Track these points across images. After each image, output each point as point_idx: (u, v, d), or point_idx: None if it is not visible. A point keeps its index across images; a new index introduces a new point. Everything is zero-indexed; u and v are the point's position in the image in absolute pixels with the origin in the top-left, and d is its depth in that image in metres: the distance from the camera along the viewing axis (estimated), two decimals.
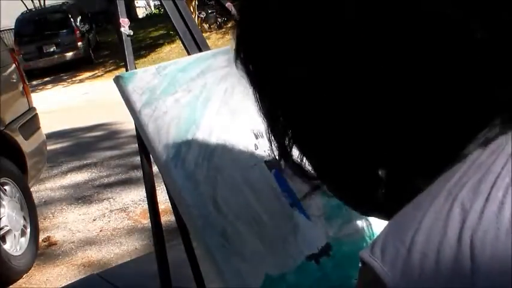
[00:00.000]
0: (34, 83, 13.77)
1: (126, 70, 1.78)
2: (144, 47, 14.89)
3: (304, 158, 0.58)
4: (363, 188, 0.56)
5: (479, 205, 0.41)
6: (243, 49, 0.57)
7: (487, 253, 0.39)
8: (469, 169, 0.45)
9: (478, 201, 0.42)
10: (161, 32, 16.30)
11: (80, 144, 6.84)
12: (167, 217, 3.32)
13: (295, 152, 0.59)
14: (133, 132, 1.72)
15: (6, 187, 3.37)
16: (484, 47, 0.46)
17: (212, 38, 13.60)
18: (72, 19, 15.88)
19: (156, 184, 1.75)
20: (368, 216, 0.62)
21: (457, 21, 0.46)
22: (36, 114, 4.06)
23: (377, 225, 1.90)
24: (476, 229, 0.40)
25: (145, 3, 26.24)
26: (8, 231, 3.24)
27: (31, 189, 3.74)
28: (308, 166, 0.59)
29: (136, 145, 1.75)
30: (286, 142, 0.58)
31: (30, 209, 3.58)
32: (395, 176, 0.54)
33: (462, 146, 0.48)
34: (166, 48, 14.61)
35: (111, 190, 4.70)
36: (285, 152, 0.59)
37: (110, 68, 14.34)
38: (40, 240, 3.71)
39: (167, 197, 1.71)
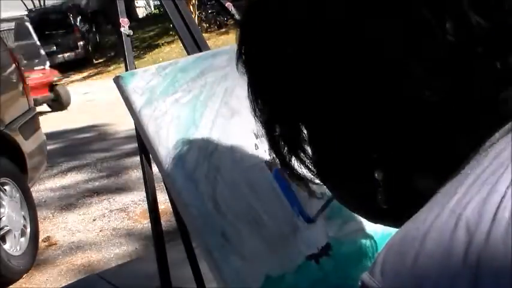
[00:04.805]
0: None
1: (126, 70, 1.78)
2: (144, 47, 14.88)
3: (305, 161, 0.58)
4: (362, 191, 0.56)
5: (485, 226, 0.39)
6: (245, 51, 0.57)
7: (493, 277, 0.38)
8: (472, 185, 0.43)
9: (484, 223, 0.39)
10: (161, 32, 16.29)
11: (80, 144, 6.83)
12: (167, 217, 3.32)
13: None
14: (134, 132, 1.72)
15: (6, 187, 3.37)
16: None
17: (212, 38, 13.59)
18: (72, 19, 15.89)
19: (156, 184, 1.75)
20: (377, 223, 0.61)
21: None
22: (36, 114, 4.06)
23: (377, 226, 1.90)
24: (483, 251, 0.38)
25: (145, 3, 26.23)
26: (8, 231, 3.24)
27: (31, 189, 3.73)
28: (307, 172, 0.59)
29: (137, 145, 1.75)
30: (285, 151, 0.58)
31: (30, 209, 3.58)
32: (391, 177, 0.53)
33: (455, 144, 0.47)
34: (166, 48, 14.61)
35: (111, 190, 4.70)
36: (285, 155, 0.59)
37: (110, 68, 14.34)
38: (40, 240, 3.71)
39: (167, 197, 1.71)
